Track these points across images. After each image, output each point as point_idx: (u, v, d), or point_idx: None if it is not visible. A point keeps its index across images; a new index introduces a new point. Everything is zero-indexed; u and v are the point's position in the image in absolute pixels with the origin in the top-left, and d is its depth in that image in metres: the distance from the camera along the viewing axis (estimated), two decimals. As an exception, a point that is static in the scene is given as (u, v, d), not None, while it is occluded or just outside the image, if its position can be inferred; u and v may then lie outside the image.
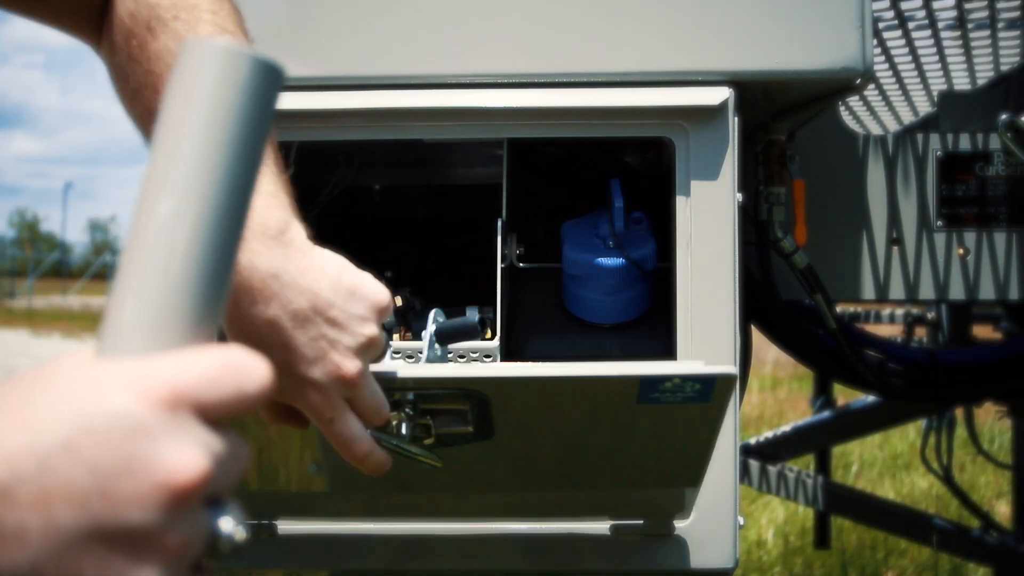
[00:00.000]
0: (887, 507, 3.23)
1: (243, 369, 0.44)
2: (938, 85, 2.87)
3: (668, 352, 1.33)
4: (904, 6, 2.17)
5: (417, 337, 1.42)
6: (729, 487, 1.27)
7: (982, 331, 3.44)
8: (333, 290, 0.66)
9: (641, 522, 1.27)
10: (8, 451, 0.38)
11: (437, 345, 1.15)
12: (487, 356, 1.38)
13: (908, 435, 6.10)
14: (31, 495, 0.38)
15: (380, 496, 1.12)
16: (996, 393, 1.94)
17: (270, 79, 0.53)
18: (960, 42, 2.44)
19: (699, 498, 1.27)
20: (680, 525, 1.25)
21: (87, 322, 16.93)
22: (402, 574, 1.31)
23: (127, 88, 0.76)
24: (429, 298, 1.50)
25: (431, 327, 1.16)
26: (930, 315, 3.45)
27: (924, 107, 3.20)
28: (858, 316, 3.99)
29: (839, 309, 2.61)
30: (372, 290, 0.69)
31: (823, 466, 3.73)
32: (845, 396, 3.64)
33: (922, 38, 2.40)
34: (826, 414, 3.44)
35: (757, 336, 1.72)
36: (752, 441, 3.27)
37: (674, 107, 1.28)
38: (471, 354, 1.38)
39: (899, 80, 2.81)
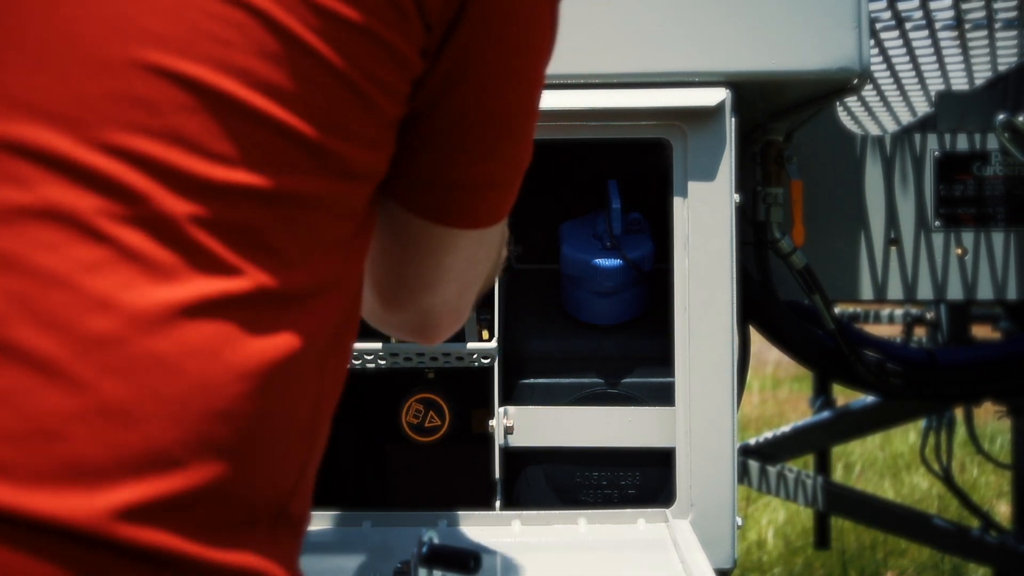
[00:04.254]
0: (887, 507, 3.23)
1: None
2: (936, 85, 2.87)
3: (666, 353, 1.34)
4: (902, 6, 2.17)
5: (415, 339, 1.42)
6: (727, 487, 1.27)
7: (981, 331, 3.44)
8: None
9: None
10: None
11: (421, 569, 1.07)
12: (485, 358, 1.38)
13: (908, 436, 6.10)
14: None
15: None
16: (995, 392, 1.94)
17: None
18: (958, 42, 2.44)
19: (697, 498, 1.27)
20: (678, 524, 1.25)
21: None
22: None
23: None
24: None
25: (422, 548, 1.07)
26: (929, 315, 3.46)
27: (922, 107, 3.21)
28: (857, 316, 3.99)
29: (838, 309, 2.60)
30: None
31: (823, 466, 3.73)
32: (845, 396, 3.64)
33: (920, 38, 2.40)
34: (826, 414, 3.44)
35: (759, 337, 1.72)
36: (752, 441, 3.27)
37: (671, 108, 1.28)
38: (469, 356, 1.38)
39: (897, 80, 2.82)
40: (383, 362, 1.42)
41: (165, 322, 0.59)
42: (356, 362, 1.42)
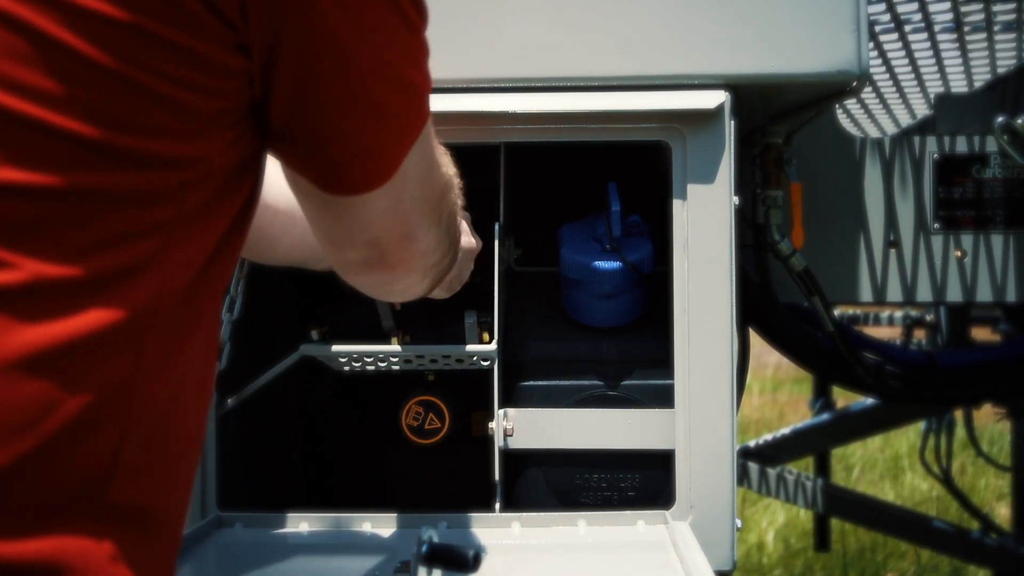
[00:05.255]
0: (887, 509, 3.23)
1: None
2: (935, 88, 2.88)
3: (665, 355, 1.34)
4: (901, 9, 2.18)
5: (415, 340, 1.42)
6: (727, 489, 1.27)
7: (981, 333, 3.44)
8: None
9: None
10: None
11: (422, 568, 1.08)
12: (485, 360, 1.38)
13: (909, 437, 6.10)
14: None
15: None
16: (995, 394, 1.94)
17: None
18: (957, 45, 2.45)
19: (697, 500, 1.28)
20: (678, 526, 1.25)
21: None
22: None
23: None
24: (427, 301, 1.50)
25: (422, 547, 1.08)
26: (929, 317, 3.46)
27: (921, 110, 3.21)
28: (856, 318, 3.99)
29: (837, 312, 2.60)
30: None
31: (823, 468, 3.73)
32: (845, 398, 3.64)
33: (919, 41, 2.41)
34: (825, 416, 3.44)
35: (759, 339, 1.73)
36: (752, 444, 3.27)
37: (671, 111, 1.28)
38: (468, 359, 1.38)
39: (896, 83, 2.82)
40: (383, 364, 1.42)
41: None
42: (356, 365, 1.43)
